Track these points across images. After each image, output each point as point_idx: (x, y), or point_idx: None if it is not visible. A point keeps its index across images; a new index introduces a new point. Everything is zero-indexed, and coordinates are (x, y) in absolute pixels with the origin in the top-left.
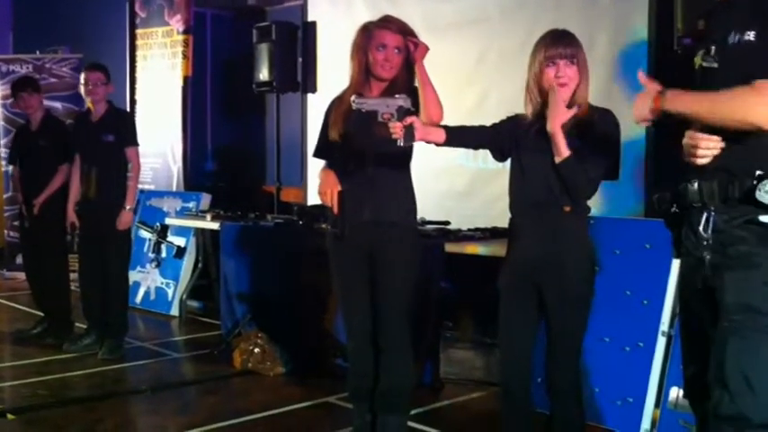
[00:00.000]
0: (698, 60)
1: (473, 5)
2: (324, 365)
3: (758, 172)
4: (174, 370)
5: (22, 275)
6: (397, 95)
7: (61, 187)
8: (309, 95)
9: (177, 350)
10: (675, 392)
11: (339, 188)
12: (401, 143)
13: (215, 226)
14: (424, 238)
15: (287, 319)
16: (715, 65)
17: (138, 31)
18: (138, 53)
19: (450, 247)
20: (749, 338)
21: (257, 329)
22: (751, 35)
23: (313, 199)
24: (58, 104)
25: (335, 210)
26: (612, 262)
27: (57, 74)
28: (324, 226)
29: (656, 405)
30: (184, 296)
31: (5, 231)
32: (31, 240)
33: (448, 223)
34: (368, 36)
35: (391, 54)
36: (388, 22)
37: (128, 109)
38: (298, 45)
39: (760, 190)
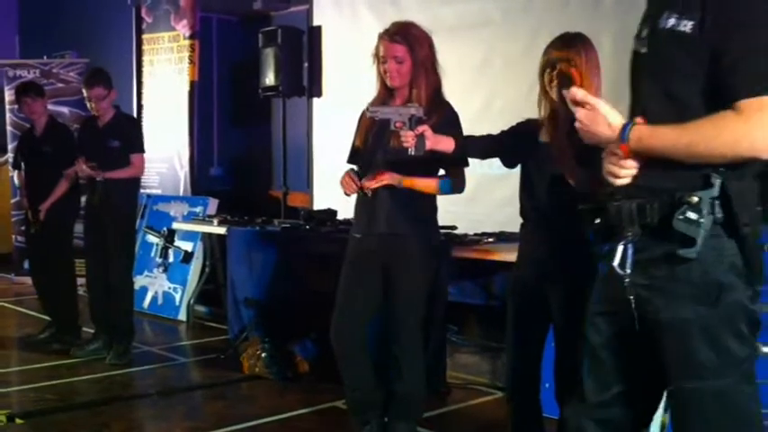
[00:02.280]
0: (633, 48)
1: (476, 9)
2: (330, 370)
3: (678, 194)
4: (182, 375)
5: (29, 280)
6: (410, 104)
7: (66, 193)
8: (315, 100)
9: (184, 355)
10: None
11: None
12: (412, 152)
13: (222, 231)
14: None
15: (294, 323)
16: (644, 50)
17: (145, 36)
18: (145, 58)
19: (457, 252)
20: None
21: (264, 334)
22: (688, 25)
23: (320, 204)
24: (65, 109)
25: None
26: None
27: (64, 79)
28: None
29: (665, 410)
30: (192, 301)
31: (13, 236)
32: (37, 245)
33: (455, 228)
34: (376, 47)
35: (391, 65)
36: (386, 32)
37: (134, 114)
38: (303, 50)
39: (678, 217)
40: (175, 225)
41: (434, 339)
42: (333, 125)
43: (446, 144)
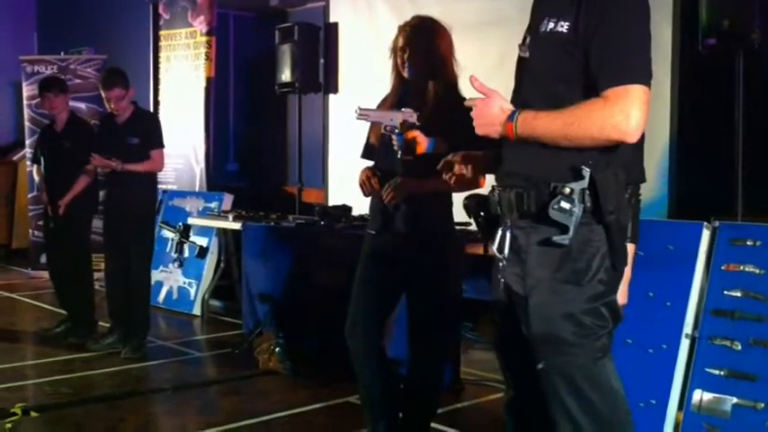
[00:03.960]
0: (519, 52)
1: (493, 6)
2: (344, 366)
3: (553, 184)
4: (196, 369)
5: (46, 274)
6: (404, 109)
7: (86, 188)
8: (331, 96)
9: (199, 349)
10: (699, 395)
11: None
12: (401, 156)
13: (237, 226)
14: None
15: (308, 318)
16: (527, 54)
17: (162, 33)
18: (162, 54)
19: (471, 248)
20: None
21: (278, 329)
22: (564, 26)
23: (334, 200)
24: (82, 105)
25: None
26: (635, 263)
27: (81, 75)
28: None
29: (680, 408)
30: (206, 296)
31: (30, 231)
32: (55, 240)
33: (469, 224)
34: (395, 39)
35: (409, 55)
36: (405, 24)
37: (151, 110)
38: (319, 46)
39: (553, 206)
40: (191, 220)
41: (448, 336)
42: (348, 121)
43: (439, 146)
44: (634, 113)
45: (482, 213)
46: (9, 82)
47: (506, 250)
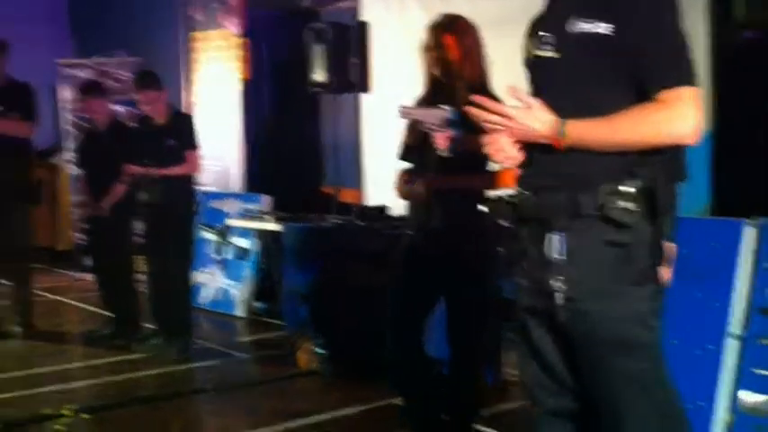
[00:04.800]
0: (529, 49)
1: (522, 3)
2: (385, 366)
3: (608, 185)
4: (240, 370)
5: (90, 277)
6: (444, 106)
7: (126, 190)
8: (364, 96)
9: (241, 351)
10: (748, 396)
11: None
12: (444, 153)
13: (276, 227)
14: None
15: (348, 319)
16: (554, 54)
17: (194, 34)
18: (195, 56)
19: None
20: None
21: (319, 330)
22: (604, 28)
23: (371, 200)
24: (120, 108)
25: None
26: (680, 262)
27: (117, 77)
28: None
29: (729, 409)
30: (248, 297)
31: (73, 234)
32: (97, 242)
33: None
34: (424, 38)
35: (439, 53)
36: (434, 22)
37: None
38: (352, 46)
39: (611, 206)
40: (230, 222)
41: (486, 335)
42: (382, 121)
43: (474, 144)
44: (692, 115)
45: (518, 217)
46: (46, 85)
47: (555, 253)
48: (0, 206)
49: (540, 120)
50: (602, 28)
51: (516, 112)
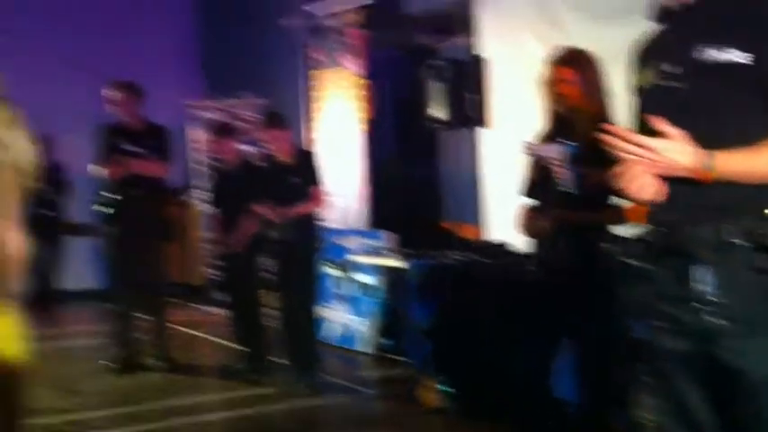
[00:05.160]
0: (646, 78)
1: (643, 32)
2: (509, 404)
3: (758, 214)
4: (366, 407)
5: (222, 311)
6: (566, 142)
7: (254, 228)
8: (482, 131)
9: (369, 387)
10: None
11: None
12: (567, 189)
13: (399, 264)
14: None
15: (471, 355)
16: (678, 84)
17: (315, 74)
18: (315, 95)
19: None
20: None
21: (444, 367)
22: (739, 56)
23: (490, 235)
24: (249, 148)
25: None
26: None
27: (244, 118)
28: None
29: None
30: (374, 333)
31: (205, 269)
32: (232, 279)
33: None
34: (544, 72)
35: (560, 88)
36: (554, 56)
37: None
38: (469, 80)
39: (759, 231)
40: (352, 258)
41: (615, 375)
42: (501, 156)
43: (603, 176)
44: None
45: (654, 254)
46: (176, 125)
47: (703, 286)
48: (139, 243)
49: (684, 152)
50: (739, 56)
51: (659, 144)
